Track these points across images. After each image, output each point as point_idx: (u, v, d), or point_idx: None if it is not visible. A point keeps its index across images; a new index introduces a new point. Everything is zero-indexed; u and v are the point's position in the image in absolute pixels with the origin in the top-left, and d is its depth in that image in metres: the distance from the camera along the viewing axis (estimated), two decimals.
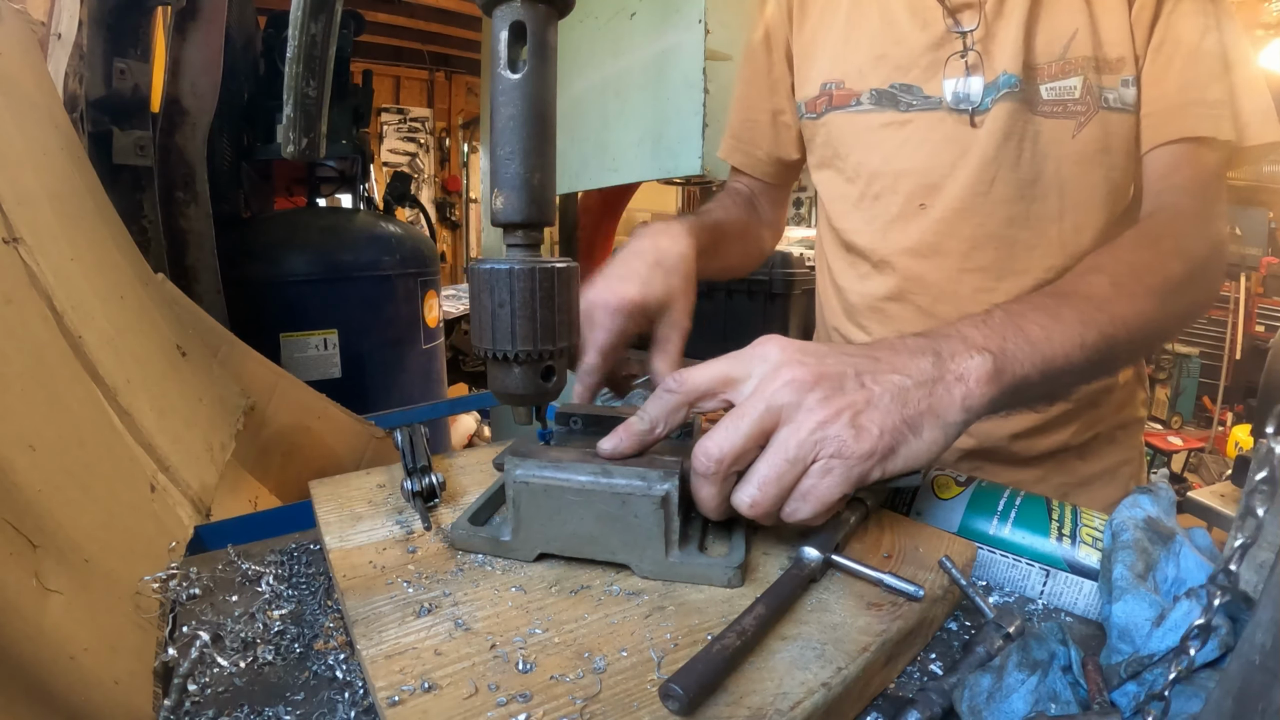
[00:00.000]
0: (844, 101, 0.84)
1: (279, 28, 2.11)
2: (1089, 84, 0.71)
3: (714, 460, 0.43)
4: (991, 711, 0.36)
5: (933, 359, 0.47)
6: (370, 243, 2.22)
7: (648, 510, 0.44)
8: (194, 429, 0.86)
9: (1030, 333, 0.50)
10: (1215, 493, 1.97)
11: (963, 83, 0.75)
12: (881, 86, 0.80)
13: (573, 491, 0.45)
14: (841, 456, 0.42)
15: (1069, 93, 0.72)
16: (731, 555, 0.46)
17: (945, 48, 0.76)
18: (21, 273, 0.64)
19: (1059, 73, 0.72)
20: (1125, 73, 0.71)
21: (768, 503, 0.43)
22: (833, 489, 0.43)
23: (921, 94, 0.78)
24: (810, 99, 0.88)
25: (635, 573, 0.45)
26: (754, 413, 0.43)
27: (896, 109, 0.80)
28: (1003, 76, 0.73)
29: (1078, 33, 0.71)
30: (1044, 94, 0.72)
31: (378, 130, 6.99)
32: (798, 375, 0.44)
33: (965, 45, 0.75)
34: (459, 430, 3.53)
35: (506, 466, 0.47)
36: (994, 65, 0.73)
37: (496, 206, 0.47)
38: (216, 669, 0.41)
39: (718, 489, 0.44)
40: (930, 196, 0.79)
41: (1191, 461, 4.06)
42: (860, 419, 0.43)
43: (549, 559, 0.48)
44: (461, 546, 0.49)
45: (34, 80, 0.87)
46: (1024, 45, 0.72)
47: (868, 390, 0.44)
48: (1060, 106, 0.72)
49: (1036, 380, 0.49)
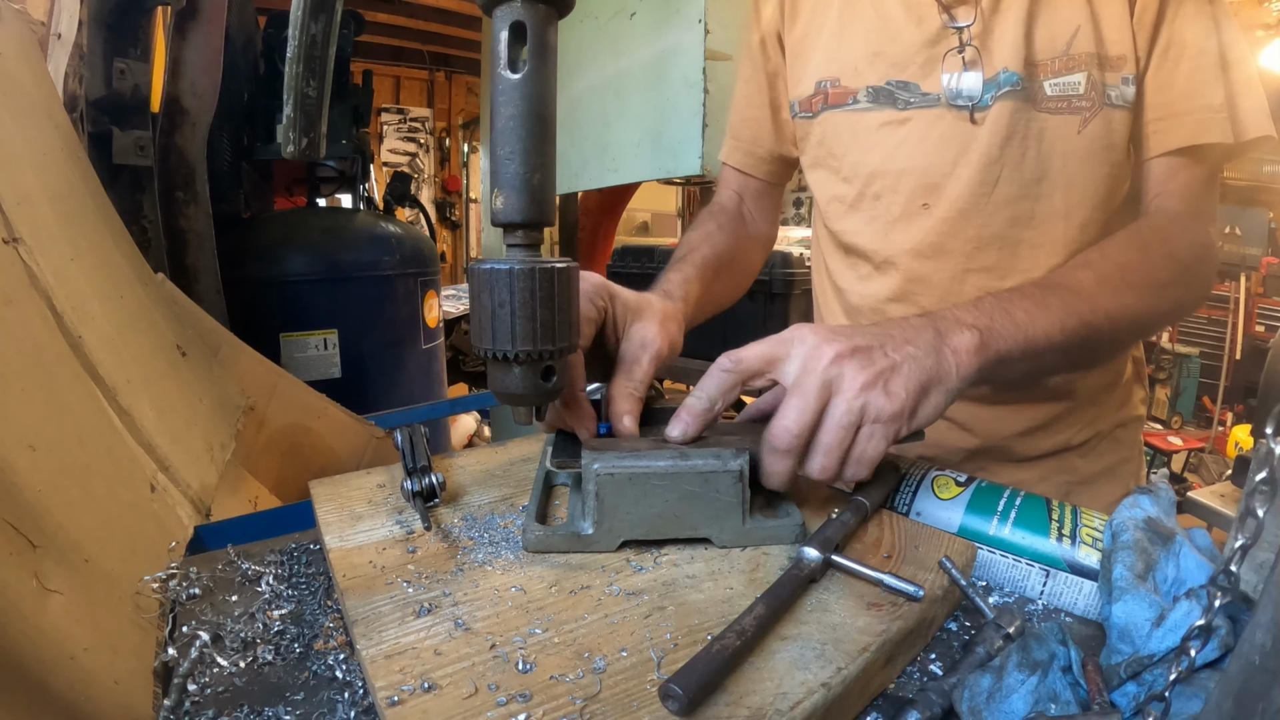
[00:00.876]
0: (840, 100, 0.83)
1: (279, 28, 2.11)
2: (1093, 80, 0.71)
3: (794, 436, 0.49)
4: (991, 711, 0.36)
5: (933, 334, 0.54)
6: (370, 243, 2.23)
7: (728, 484, 0.49)
8: (194, 429, 0.86)
9: (1015, 316, 0.57)
10: (1215, 493, 1.97)
11: (960, 78, 0.75)
12: (878, 84, 0.80)
13: (657, 476, 0.49)
14: (880, 420, 0.49)
15: (1073, 88, 0.71)
16: (793, 516, 0.52)
17: (942, 44, 0.76)
18: (21, 273, 0.64)
19: (1063, 69, 0.71)
20: (1125, 70, 0.71)
21: (834, 467, 0.50)
22: (879, 448, 0.50)
23: (919, 91, 0.78)
24: (805, 97, 0.87)
25: (715, 543, 0.50)
26: (814, 388, 0.49)
27: (894, 107, 0.79)
28: (1003, 74, 0.72)
29: (1080, 29, 0.70)
30: (1048, 90, 0.72)
31: (378, 130, 6.99)
32: (839, 350, 0.50)
33: (962, 41, 0.74)
34: (459, 430, 3.53)
35: (584, 462, 0.49)
36: (993, 62, 0.73)
37: (496, 206, 0.47)
38: (216, 669, 0.41)
39: (794, 462, 0.50)
40: (932, 196, 0.78)
41: (1191, 461, 4.06)
42: (890, 385, 0.50)
43: (547, 558, 0.48)
44: (539, 549, 0.49)
45: (34, 80, 0.87)
46: (1025, 42, 0.72)
47: (891, 359, 0.51)
48: (1065, 103, 0.72)
49: (1018, 357, 0.57)
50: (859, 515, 0.51)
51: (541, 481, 0.58)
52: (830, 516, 0.50)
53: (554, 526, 0.51)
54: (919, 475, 0.60)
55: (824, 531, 0.48)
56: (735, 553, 0.49)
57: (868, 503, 0.53)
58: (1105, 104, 0.71)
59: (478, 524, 0.53)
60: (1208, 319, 5.09)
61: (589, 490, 0.49)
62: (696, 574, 0.47)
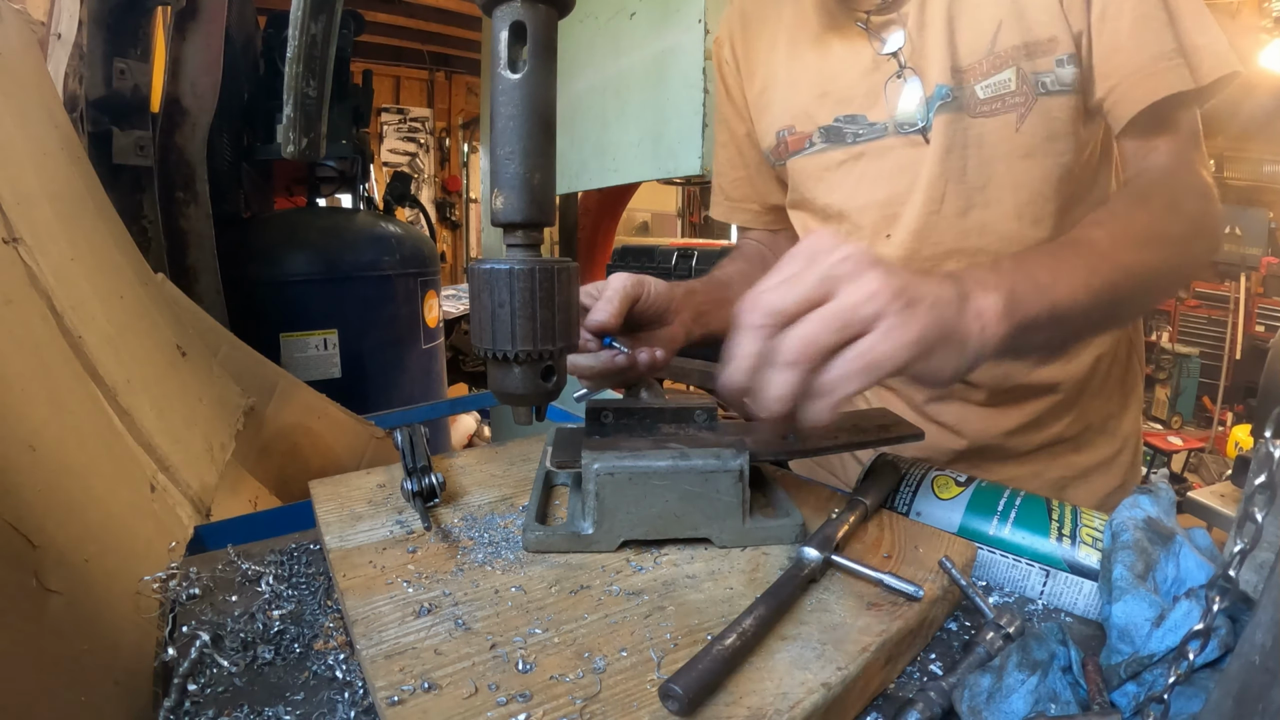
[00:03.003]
0: (798, 146, 0.85)
1: (279, 28, 2.11)
2: (1023, 73, 0.70)
3: (762, 313, 0.42)
4: (991, 711, 0.36)
5: (955, 289, 0.46)
6: (370, 243, 2.22)
7: (728, 484, 0.49)
8: (194, 429, 0.86)
9: (1038, 277, 0.51)
10: (1215, 493, 1.97)
11: (901, 102, 0.75)
12: (828, 123, 0.81)
13: (657, 476, 0.48)
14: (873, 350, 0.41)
15: (1004, 86, 0.70)
16: (792, 516, 0.51)
17: (880, 71, 0.76)
18: (21, 273, 0.64)
19: (991, 68, 0.71)
20: (1059, 52, 0.69)
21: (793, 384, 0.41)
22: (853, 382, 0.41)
23: (866, 122, 0.78)
24: (771, 148, 0.89)
25: (715, 543, 0.50)
26: (812, 278, 0.42)
27: (845, 142, 0.80)
28: (936, 88, 0.72)
29: (1002, 24, 0.69)
30: (980, 94, 0.71)
31: (378, 130, 6.99)
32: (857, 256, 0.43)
33: (900, 64, 0.74)
34: (459, 430, 3.53)
35: (584, 462, 0.49)
36: (929, 78, 0.73)
37: (496, 206, 0.47)
38: (216, 669, 0.41)
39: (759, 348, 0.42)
40: (893, 226, 0.79)
41: (1191, 461, 4.06)
42: (913, 304, 0.42)
43: (547, 558, 0.48)
44: (538, 549, 0.49)
45: (34, 80, 0.87)
46: (948, 51, 0.71)
47: (915, 289, 0.43)
48: (999, 102, 0.71)
49: (1045, 322, 0.50)
50: (859, 515, 0.52)
51: (541, 481, 0.58)
52: (830, 516, 0.50)
53: (554, 526, 0.51)
54: (919, 475, 0.60)
55: (824, 531, 0.48)
56: (735, 552, 0.49)
57: (867, 502, 0.53)
58: (1040, 94, 0.70)
59: (478, 524, 0.53)
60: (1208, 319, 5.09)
61: (589, 490, 0.49)
62: (696, 574, 0.47)
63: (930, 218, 0.75)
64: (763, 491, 0.56)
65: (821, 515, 0.54)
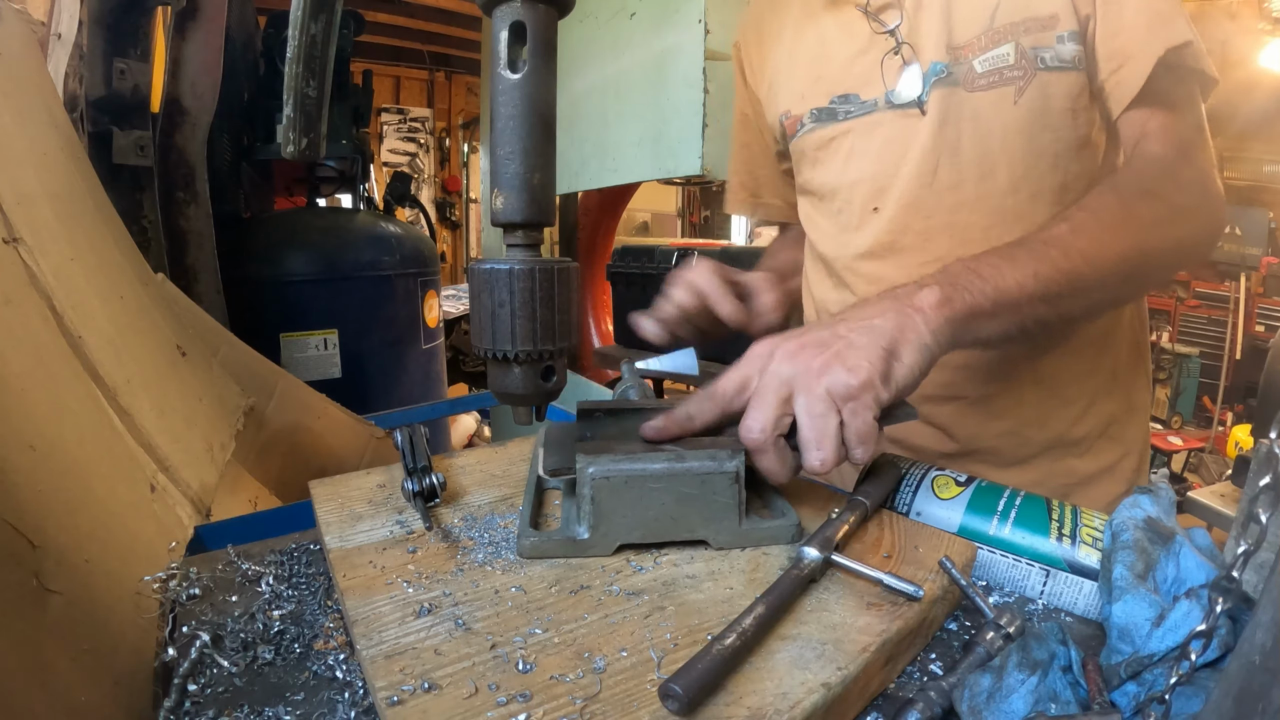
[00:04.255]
0: (793, 129, 0.87)
1: (279, 28, 2.11)
2: (1021, 49, 0.70)
3: (757, 432, 0.49)
4: (991, 711, 0.36)
5: (891, 301, 0.55)
6: (370, 243, 2.23)
7: (725, 485, 0.49)
8: (194, 429, 0.86)
9: (981, 270, 0.57)
10: (1215, 493, 1.98)
11: (901, 79, 0.76)
12: (821, 104, 0.83)
13: (654, 479, 0.48)
14: (852, 396, 0.48)
15: (1003, 60, 0.71)
16: (789, 516, 0.52)
17: (874, 50, 0.77)
18: (21, 273, 0.64)
19: (989, 43, 0.71)
20: (1061, 28, 0.69)
21: (831, 457, 0.49)
22: (867, 420, 0.49)
23: (858, 100, 0.80)
24: (776, 137, 0.93)
25: (712, 545, 0.50)
26: (770, 386, 0.50)
27: (835, 120, 0.82)
28: (932, 65, 0.74)
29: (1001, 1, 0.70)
30: (978, 68, 0.72)
31: (378, 130, 6.99)
32: (788, 348, 0.52)
33: (898, 41, 0.75)
34: (459, 430, 3.53)
35: (579, 466, 0.48)
36: (925, 56, 0.74)
37: (496, 206, 0.47)
38: (216, 669, 0.41)
39: (776, 455, 0.50)
40: (881, 199, 0.80)
41: (1191, 461, 4.06)
42: (848, 360, 0.50)
43: (548, 559, 0.48)
44: (533, 555, 0.48)
45: (34, 80, 0.87)
46: (945, 27, 0.73)
47: (844, 338, 0.51)
48: (996, 75, 0.72)
49: (990, 309, 0.56)
50: (859, 515, 0.51)
51: (534, 485, 0.57)
52: (830, 516, 0.50)
53: (549, 532, 0.50)
54: (919, 475, 0.60)
55: (824, 531, 0.48)
56: (735, 553, 0.49)
57: (867, 502, 0.53)
58: (1039, 69, 0.70)
59: (478, 524, 0.53)
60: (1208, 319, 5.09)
61: (584, 494, 0.48)
62: (696, 574, 0.47)
63: (921, 191, 0.76)
64: (758, 493, 0.56)
65: (821, 515, 0.54)
